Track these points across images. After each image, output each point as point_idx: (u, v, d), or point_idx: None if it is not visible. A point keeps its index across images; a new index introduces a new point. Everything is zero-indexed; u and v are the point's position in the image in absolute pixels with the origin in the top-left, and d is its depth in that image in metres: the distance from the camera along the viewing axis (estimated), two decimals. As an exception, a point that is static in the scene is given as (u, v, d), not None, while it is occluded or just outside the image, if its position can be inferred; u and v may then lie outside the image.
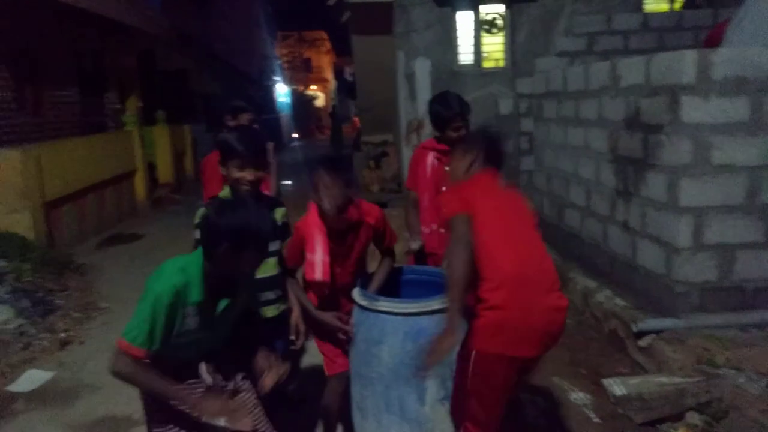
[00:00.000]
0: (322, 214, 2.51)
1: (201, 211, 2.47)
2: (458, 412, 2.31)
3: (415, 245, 3.00)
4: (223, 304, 2.07)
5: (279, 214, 2.70)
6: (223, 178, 2.63)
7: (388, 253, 2.83)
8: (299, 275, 2.77)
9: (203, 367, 2.15)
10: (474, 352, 2.16)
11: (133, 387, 2.02)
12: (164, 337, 1.91)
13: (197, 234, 2.30)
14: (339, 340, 2.73)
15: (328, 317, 2.66)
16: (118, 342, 1.89)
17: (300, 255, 2.64)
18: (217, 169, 2.73)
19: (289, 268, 2.74)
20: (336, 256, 2.61)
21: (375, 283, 2.72)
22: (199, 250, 2.00)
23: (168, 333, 1.93)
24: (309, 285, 2.66)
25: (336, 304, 2.72)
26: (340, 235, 2.60)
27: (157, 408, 2.08)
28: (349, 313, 2.68)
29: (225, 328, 2.16)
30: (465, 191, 2.31)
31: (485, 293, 2.14)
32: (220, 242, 1.89)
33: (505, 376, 2.18)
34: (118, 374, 1.91)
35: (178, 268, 1.96)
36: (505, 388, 2.21)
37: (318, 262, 2.53)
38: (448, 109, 3.24)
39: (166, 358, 1.99)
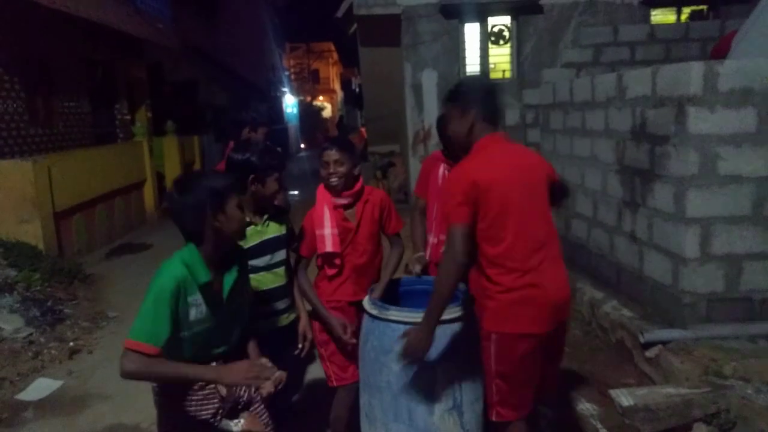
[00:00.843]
0: (330, 189, 2.72)
1: None
2: (488, 403, 2.34)
3: (416, 270, 3.00)
4: (228, 282, 2.09)
5: (284, 222, 2.74)
6: None
7: (395, 240, 2.93)
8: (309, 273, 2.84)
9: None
10: (493, 334, 2.22)
11: (149, 381, 1.98)
12: (172, 330, 1.89)
13: None
14: (350, 352, 2.75)
15: (334, 322, 2.70)
16: (126, 342, 1.86)
17: (313, 240, 2.74)
18: None
19: (303, 258, 2.82)
20: (345, 233, 2.74)
21: (386, 274, 2.84)
22: (190, 245, 2.03)
23: (175, 325, 1.91)
24: (323, 263, 2.78)
25: (349, 289, 2.80)
26: (347, 210, 2.76)
27: (170, 416, 2.09)
28: (357, 316, 2.72)
29: (234, 317, 2.16)
30: (469, 182, 2.18)
31: (498, 277, 2.20)
32: (198, 214, 1.96)
33: (527, 354, 2.23)
34: (128, 374, 1.84)
35: (177, 261, 1.98)
36: (529, 367, 2.27)
37: (327, 235, 2.70)
38: None
39: (179, 357, 1.99)
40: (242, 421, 2.19)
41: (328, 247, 2.70)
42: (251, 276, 2.45)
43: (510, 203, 2.20)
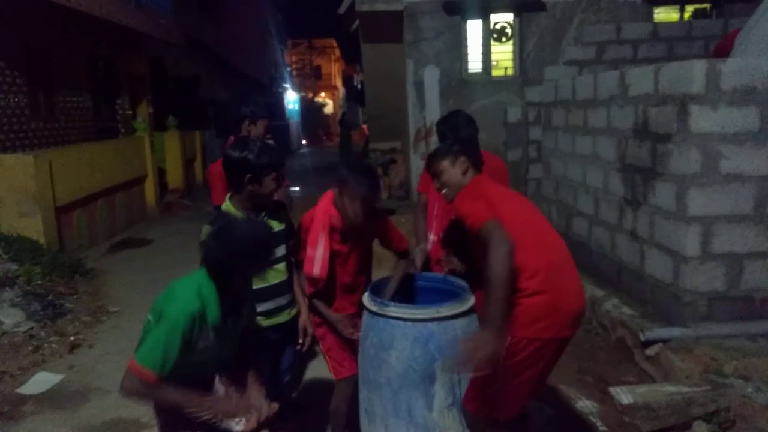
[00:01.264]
0: (343, 216, 2.62)
1: (206, 228, 2.49)
2: (477, 403, 2.33)
3: (417, 263, 3.00)
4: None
5: (282, 218, 2.73)
6: (225, 188, 2.70)
7: (401, 255, 2.90)
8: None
9: (218, 380, 2.17)
10: (511, 339, 2.21)
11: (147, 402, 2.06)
12: (178, 359, 1.94)
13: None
14: (347, 344, 2.76)
15: (337, 319, 2.71)
16: (130, 364, 1.91)
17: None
18: (222, 177, 2.78)
19: (300, 262, 2.78)
20: (338, 254, 2.69)
21: (391, 286, 2.78)
22: (203, 270, 2.05)
23: (183, 355, 1.95)
24: (308, 281, 2.73)
25: (331, 303, 2.78)
26: (345, 235, 2.68)
27: (168, 415, 2.10)
28: (355, 315, 2.71)
29: (235, 336, 2.20)
30: (482, 198, 2.34)
31: (521, 283, 2.22)
32: (229, 267, 2.02)
33: (546, 359, 2.28)
34: (128, 394, 1.93)
35: (194, 292, 2.00)
36: (544, 371, 2.34)
37: (318, 258, 2.62)
38: (455, 133, 3.19)
39: (181, 375, 2.01)
40: (243, 419, 2.20)
41: (316, 271, 2.62)
42: None
43: (524, 217, 2.35)
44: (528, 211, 2.45)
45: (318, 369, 3.97)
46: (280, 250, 2.68)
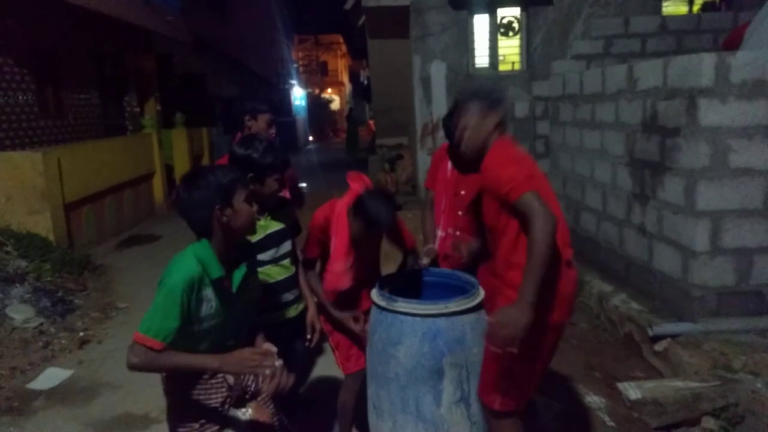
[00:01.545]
0: (353, 234, 2.56)
1: None
2: (491, 393, 2.33)
3: (424, 262, 3.00)
4: (238, 278, 2.09)
5: (286, 215, 2.72)
6: None
7: (409, 253, 2.91)
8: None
9: None
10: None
11: (154, 372, 2.00)
12: (181, 325, 1.91)
13: None
14: (355, 339, 2.77)
15: (345, 317, 2.71)
16: (135, 335, 1.89)
17: (320, 246, 2.70)
18: None
19: (309, 260, 2.79)
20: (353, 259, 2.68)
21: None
22: (203, 240, 2.03)
23: (185, 321, 1.93)
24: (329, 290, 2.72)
25: (352, 302, 2.78)
26: (358, 241, 2.66)
27: (180, 407, 2.11)
28: (366, 312, 2.71)
29: (243, 311, 2.17)
30: (523, 162, 2.17)
31: None
32: (208, 211, 1.96)
33: (552, 343, 2.29)
34: (133, 366, 1.89)
35: (189, 257, 1.97)
36: (550, 356, 2.33)
37: (343, 272, 2.61)
38: None
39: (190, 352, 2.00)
40: (250, 410, 2.21)
41: (343, 284, 2.63)
42: (258, 270, 2.46)
43: (548, 191, 2.23)
44: (549, 188, 2.31)
45: (326, 364, 3.98)
46: (286, 246, 2.69)
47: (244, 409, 2.19)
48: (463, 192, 3.23)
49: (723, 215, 3.56)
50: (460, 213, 3.26)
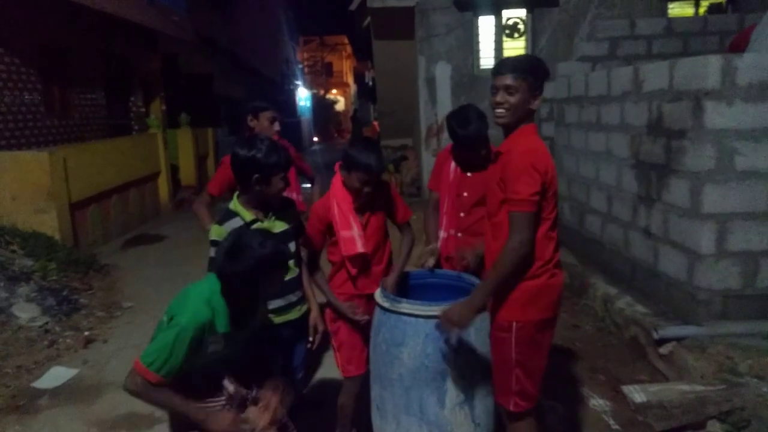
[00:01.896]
0: (354, 192, 2.67)
1: (215, 228, 2.49)
2: (505, 395, 2.34)
3: (430, 262, 3.00)
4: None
5: (290, 216, 2.73)
6: (230, 182, 2.69)
7: (405, 228, 2.93)
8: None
9: (226, 378, 2.18)
10: (514, 324, 2.23)
11: (146, 403, 2.09)
12: (184, 363, 1.96)
13: (212, 252, 2.35)
14: (360, 344, 2.77)
15: (345, 307, 2.75)
16: (135, 363, 1.95)
17: (322, 236, 2.75)
18: (230, 172, 2.76)
19: (312, 253, 2.82)
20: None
21: (399, 263, 2.83)
22: (214, 276, 2.05)
23: (190, 358, 1.97)
24: (348, 261, 2.76)
25: (360, 282, 2.82)
26: (360, 210, 2.75)
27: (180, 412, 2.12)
28: (368, 309, 2.73)
29: (245, 340, 2.22)
30: (542, 174, 2.16)
31: (539, 270, 2.23)
32: (239, 286, 2.02)
33: (546, 339, 2.32)
34: (130, 392, 1.98)
35: (204, 301, 2.00)
36: (545, 352, 2.35)
37: (356, 236, 2.69)
38: (464, 127, 3.11)
39: (188, 374, 2.04)
40: (250, 417, 2.21)
41: (359, 248, 2.69)
42: None
43: (555, 191, 2.27)
44: (554, 184, 2.31)
45: (330, 365, 3.98)
46: (290, 247, 2.68)
47: (244, 415, 2.19)
48: (465, 194, 3.23)
49: (729, 218, 3.55)
50: (462, 215, 3.26)
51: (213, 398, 2.13)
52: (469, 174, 3.25)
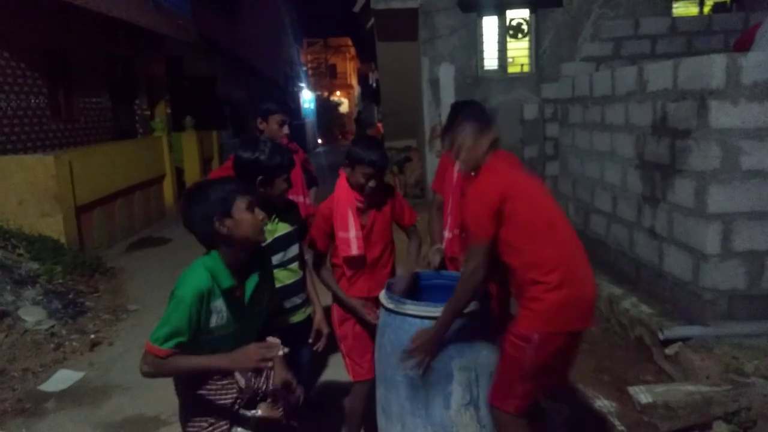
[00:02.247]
0: (358, 191, 2.69)
1: None
2: (502, 398, 2.34)
3: (435, 260, 3.01)
4: (250, 287, 2.10)
5: (294, 217, 2.73)
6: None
7: (411, 231, 2.94)
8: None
9: (237, 371, 2.18)
10: (537, 335, 2.22)
11: (166, 377, 2.05)
12: (190, 337, 1.94)
13: None
14: (368, 348, 2.76)
15: (356, 305, 2.76)
16: (146, 343, 1.95)
17: (327, 237, 2.74)
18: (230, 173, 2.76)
19: (320, 253, 2.83)
20: (362, 229, 2.74)
21: (408, 265, 2.82)
22: (213, 251, 2.04)
23: (194, 332, 1.95)
24: (344, 262, 2.78)
25: (365, 285, 2.82)
26: (365, 210, 2.75)
27: (191, 405, 2.13)
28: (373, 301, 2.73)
29: (254, 320, 2.19)
30: (494, 198, 2.26)
31: (542, 277, 2.22)
32: (212, 224, 1.98)
33: (571, 350, 2.33)
34: (146, 374, 1.96)
35: (200, 268, 1.99)
36: (569, 363, 2.37)
37: (353, 238, 2.69)
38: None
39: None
40: (259, 411, 2.22)
41: (354, 250, 2.70)
42: None
43: (541, 207, 2.31)
44: (543, 200, 2.39)
45: (335, 367, 3.98)
46: (293, 250, 2.68)
47: (253, 411, 2.20)
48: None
49: (734, 218, 3.53)
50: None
51: (224, 389, 2.12)
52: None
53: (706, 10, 8.51)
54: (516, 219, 2.24)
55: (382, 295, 2.61)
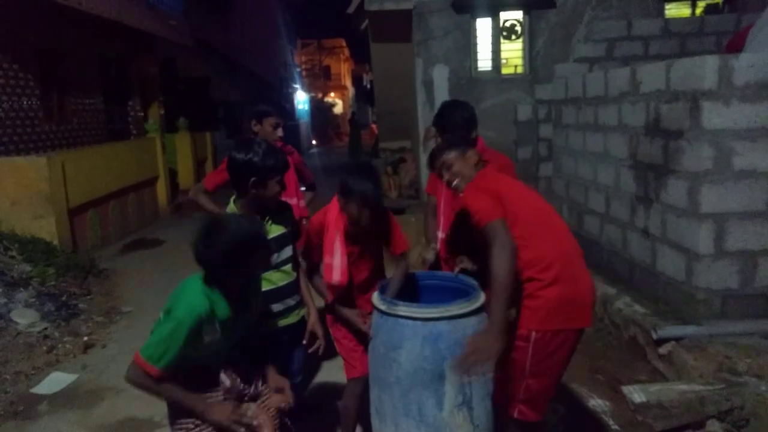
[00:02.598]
0: (351, 220, 2.59)
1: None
2: (504, 398, 2.34)
3: (430, 256, 3.01)
4: (242, 308, 2.13)
5: (287, 219, 2.72)
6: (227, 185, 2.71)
7: (398, 260, 2.81)
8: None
9: (223, 372, 2.18)
10: (534, 333, 2.24)
11: (147, 394, 2.08)
12: (182, 355, 1.97)
13: None
14: (359, 345, 2.76)
15: (351, 314, 2.71)
16: (135, 355, 1.97)
17: (319, 249, 2.71)
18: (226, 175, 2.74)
19: (313, 263, 2.80)
20: (350, 255, 2.68)
21: (392, 288, 2.72)
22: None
23: (187, 351, 1.98)
24: (327, 286, 2.72)
25: (352, 302, 2.79)
26: (355, 237, 2.68)
27: (178, 406, 2.13)
28: (369, 314, 2.71)
29: (243, 326, 2.22)
30: (490, 192, 2.33)
31: (537, 274, 2.24)
32: (223, 268, 2.00)
33: (569, 349, 2.31)
34: (131, 383, 2.00)
35: (201, 291, 2.01)
36: (566, 362, 2.35)
37: (336, 265, 2.60)
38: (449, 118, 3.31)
39: (187, 367, 2.04)
40: (249, 412, 2.21)
41: (336, 278, 2.62)
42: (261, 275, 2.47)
43: (535, 208, 2.35)
44: (538, 202, 2.45)
45: (330, 369, 3.98)
46: (287, 252, 2.67)
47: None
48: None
49: (727, 218, 3.55)
50: (459, 213, 3.26)
51: (210, 393, 2.14)
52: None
53: (699, 11, 8.55)
54: (512, 216, 2.26)
55: (375, 297, 2.61)
